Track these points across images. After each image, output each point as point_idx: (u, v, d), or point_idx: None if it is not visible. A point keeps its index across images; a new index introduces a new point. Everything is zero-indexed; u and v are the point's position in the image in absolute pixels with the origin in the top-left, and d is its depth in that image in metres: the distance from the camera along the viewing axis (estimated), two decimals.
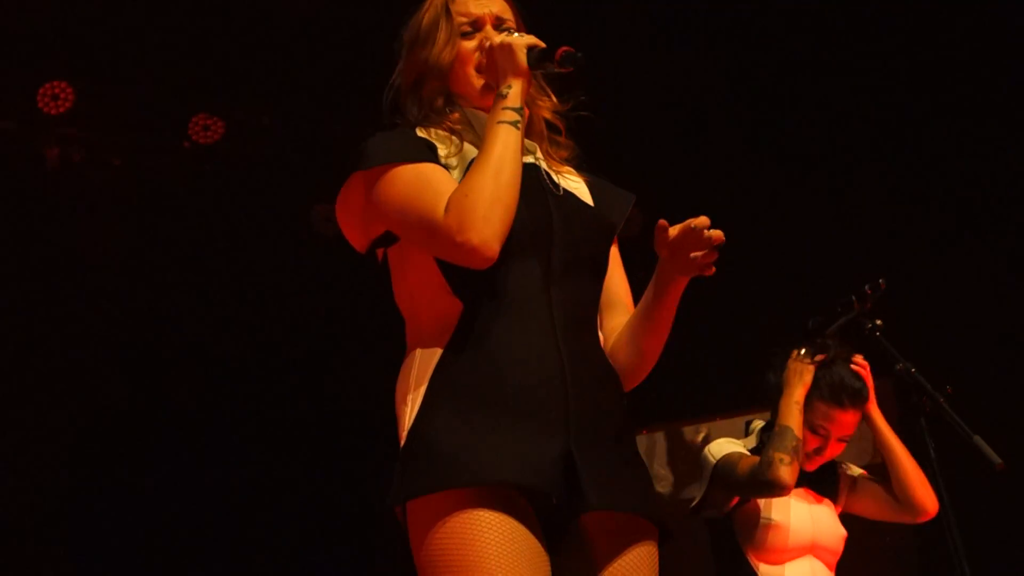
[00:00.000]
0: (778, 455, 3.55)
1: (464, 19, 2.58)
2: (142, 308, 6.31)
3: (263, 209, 6.38)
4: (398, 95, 2.62)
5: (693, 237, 2.39)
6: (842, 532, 3.78)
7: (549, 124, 2.63)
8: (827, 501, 3.80)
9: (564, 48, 2.43)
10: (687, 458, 5.50)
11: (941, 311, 5.33)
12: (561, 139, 2.64)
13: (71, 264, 6.12)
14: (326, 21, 5.81)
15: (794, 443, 3.60)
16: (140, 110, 6.10)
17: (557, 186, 2.55)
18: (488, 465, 2.26)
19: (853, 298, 3.73)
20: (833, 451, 3.76)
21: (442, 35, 2.56)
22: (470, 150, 2.49)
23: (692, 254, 2.40)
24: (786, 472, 3.53)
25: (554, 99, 2.62)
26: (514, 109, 2.42)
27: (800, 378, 3.69)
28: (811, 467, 3.76)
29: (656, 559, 2.46)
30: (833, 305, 3.79)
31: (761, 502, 3.69)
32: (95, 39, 5.75)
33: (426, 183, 2.39)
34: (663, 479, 5.90)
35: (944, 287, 5.42)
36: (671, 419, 5.49)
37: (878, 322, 3.66)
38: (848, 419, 3.72)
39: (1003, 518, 4.94)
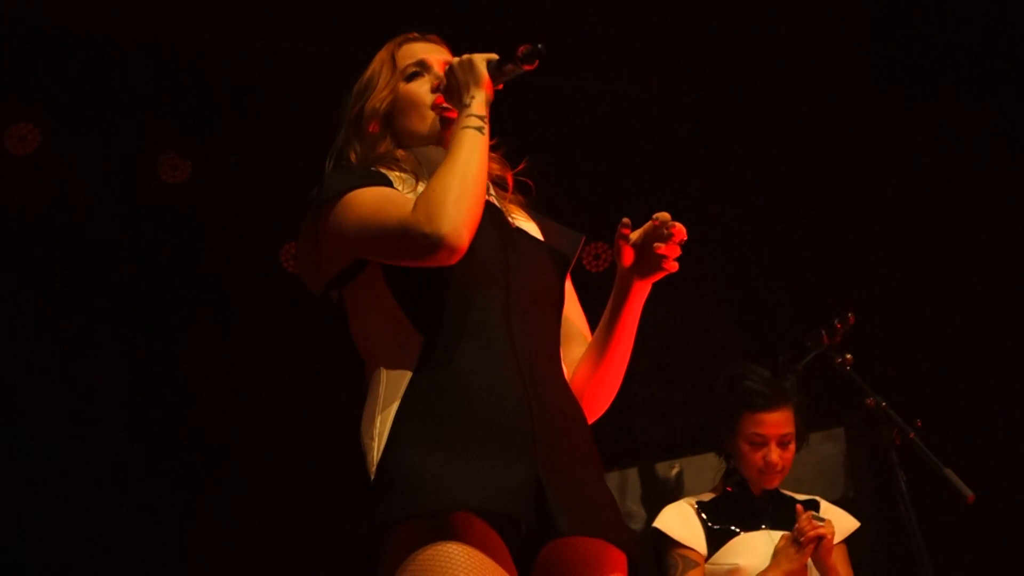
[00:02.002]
0: None
1: (410, 61, 2.63)
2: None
3: (233, 246, 6.38)
4: (341, 152, 2.64)
5: (655, 234, 2.49)
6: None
7: (497, 181, 2.65)
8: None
9: (523, 46, 2.47)
10: (660, 495, 5.49)
11: (911, 344, 5.34)
12: (507, 195, 2.66)
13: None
14: (292, 62, 5.85)
15: None
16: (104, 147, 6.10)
17: (511, 222, 2.57)
18: (456, 492, 2.24)
19: (822, 332, 3.73)
20: (783, 458, 3.72)
21: (382, 80, 2.62)
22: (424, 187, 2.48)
23: (657, 248, 2.46)
24: None
25: (498, 164, 2.65)
26: (478, 116, 2.45)
27: (787, 560, 3.60)
28: (774, 482, 3.75)
29: None
30: (803, 340, 3.79)
31: (725, 547, 3.68)
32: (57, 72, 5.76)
33: (387, 197, 2.42)
34: (636, 516, 5.88)
35: (914, 321, 5.44)
36: (644, 456, 5.47)
37: (848, 356, 3.66)
38: (776, 418, 3.71)
39: (974, 551, 4.95)
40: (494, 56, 2.49)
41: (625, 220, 2.49)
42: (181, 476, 6.36)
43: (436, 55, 2.64)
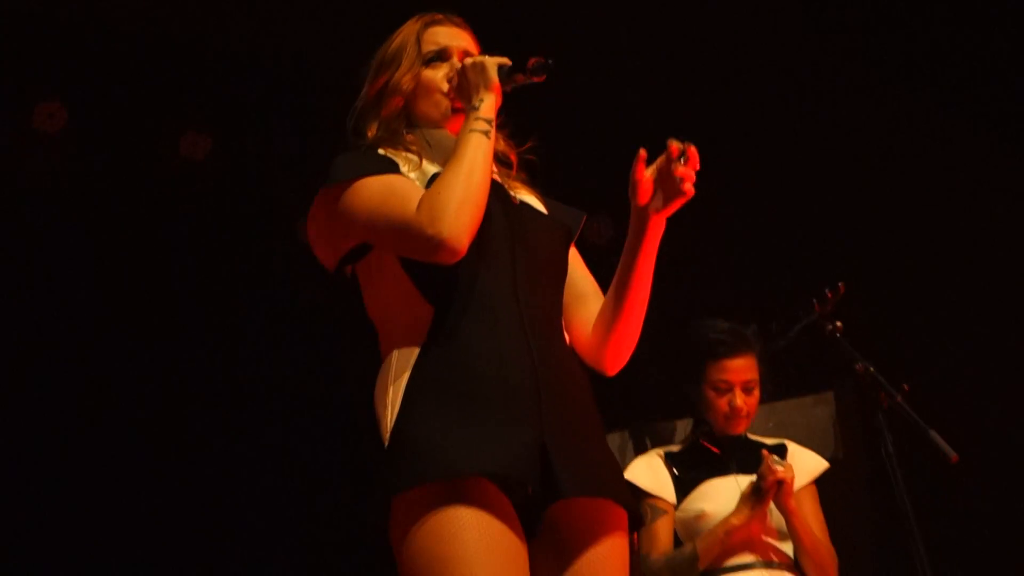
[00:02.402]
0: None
1: (432, 47, 2.63)
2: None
3: (251, 222, 6.40)
4: (360, 117, 2.66)
5: (669, 165, 2.47)
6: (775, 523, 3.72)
7: (502, 159, 2.68)
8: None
9: (535, 58, 2.48)
10: None
11: (900, 313, 5.36)
12: (512, 172, 2.69)
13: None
14: (312, 47, 5.86)
15: (690, 564, 3.60)
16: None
17: (514, 198, 2.60)
18: (465, 457, 2.26)
19: (814, 301, 3.75)
20: (747, 403, 3.75)
21: (407, 59, 2.62)
22: (430, 167, 2.52)
23: (675, 170, 2.45)
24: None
25: (504, 143, 2.68)
26: (485, 120, 2.45)
27: (749, 506, 3.59)
28: (740, 427, 3.76)
29: (627, 548, 2.48)
30: (794, 308, 3.81)
31: (693, 493, 3.71)
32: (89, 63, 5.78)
33: (392, 189, 2.42)
34: None
35: (903, 290, 5.46)
36: (644, 417, 5.50)
37: (838, 324, 3.67)
38: (739, 364, 3.74)
39: (957, 507, 4.98)
40: (506, 62, 2.51)
41: (641, 153, 2.47)
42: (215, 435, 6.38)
43: (457, 41, 2.66)
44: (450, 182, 2.36)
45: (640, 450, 4.74)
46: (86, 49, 5.71)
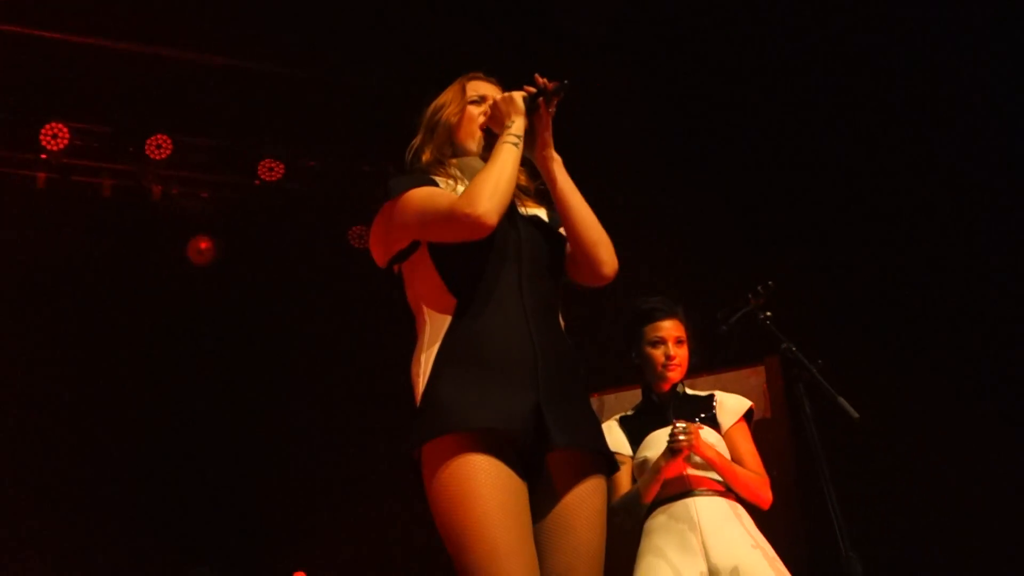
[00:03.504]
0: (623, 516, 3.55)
1: (475, 94, 2.69)
2: (225, 298, 6.35)
3: (313, 228, 6.42)
4: (417, 150, 2.68)
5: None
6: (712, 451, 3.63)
7: (523, 190, 2.70)
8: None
9: (552, 83, 2.53)
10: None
11: (816, 305, 5.37)
12: (530, 194, 2.71)
13: (175, 267, 6.17)
14: (359, 88, 5.88)
15: (632, 508, 3.56)
16: (221, 156, 6.14)
17: (524, 213, 2.62)
18: (477, 415, 2.30)
19: (749, 295, 3.73)
20: (679, 354, 3.68)
21: (454, 103, 2.68)
22: (461, 188, 2.55)
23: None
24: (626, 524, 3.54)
25: (524, 178, 2.70)
26: (515, 135, 2.51)
27: (665, 462, 3.53)
28: (677, 374, 3.68)
29: (604, 488, 2.50)
30: (735, 301, 3.80)
31: (642, 444, 3.65)
32: (189, 100, 5.78)
33: (435, 192, 2.49)
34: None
35: (819, 286, 5.47)
36: (614, 386, 5.50)
37: (768, 313, 3.67)
38: (669, 324, 3.70)
39: (861, 458, 4.99)
40: (531, 89, 2.56)
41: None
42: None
43: (493, 92, 2.70)
44: (486, 176, 2.42)
45: (603, 415, 4.73)
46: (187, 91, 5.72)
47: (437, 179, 2.56)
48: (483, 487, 2.26)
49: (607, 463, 2.51)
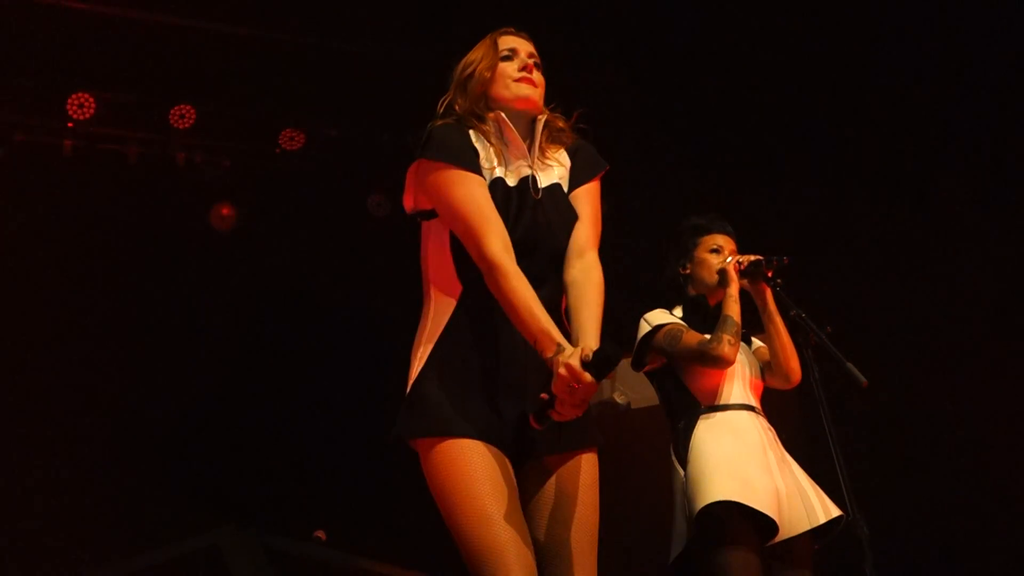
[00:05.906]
0: (727, 337, 3.46)
1: (506, 48, 2.64)
2: (247, 265, 6.42)
3: (333, 196, 6.49)
4: (451, 103, 2.63)
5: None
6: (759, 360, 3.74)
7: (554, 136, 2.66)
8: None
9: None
10: (637, 383, 5.51)
11: (827, 277, 5.44)
12: (566, 128, 2.67)
13: (197, 233, 6.25)
14: (380, 58, 5.91)
15: (735, 328, 3.50)
16: (244, 125, 6.21)
17: (536, 193, 2.53)
18: (461, 424, 2.34)
19: (763, 262, 3.76)
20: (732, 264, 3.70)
21: (486, 58, 2.62)
22: (499, 157, 2.53)
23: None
24: (731, 351, 3.46)
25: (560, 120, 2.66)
26: (550, 355, 2.25)
27: (732, 278, 3.62)
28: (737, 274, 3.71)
29: (596, 459, 2.51)
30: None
31: None
32: (213, 70, 5.84)
33: (477, 206, 2.40)
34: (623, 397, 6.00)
35: (831, 260, 5.55)
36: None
37: (779, 281, 3.70)
38: (723, 239, 3.75)
39: (867, 422, 5.08)
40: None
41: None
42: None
43: (523, 46, 2.65)
44: (515, 298, 2.31)
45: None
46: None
47: (477, 144, 2.51)
48: (476, 468, 2.30)
49: (598, 438, 2.52)
